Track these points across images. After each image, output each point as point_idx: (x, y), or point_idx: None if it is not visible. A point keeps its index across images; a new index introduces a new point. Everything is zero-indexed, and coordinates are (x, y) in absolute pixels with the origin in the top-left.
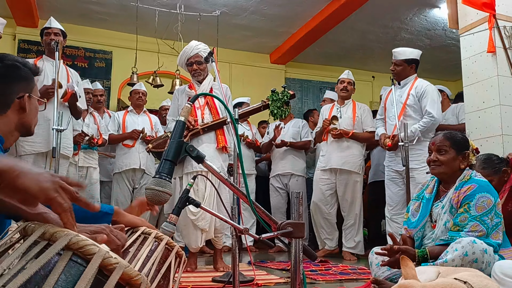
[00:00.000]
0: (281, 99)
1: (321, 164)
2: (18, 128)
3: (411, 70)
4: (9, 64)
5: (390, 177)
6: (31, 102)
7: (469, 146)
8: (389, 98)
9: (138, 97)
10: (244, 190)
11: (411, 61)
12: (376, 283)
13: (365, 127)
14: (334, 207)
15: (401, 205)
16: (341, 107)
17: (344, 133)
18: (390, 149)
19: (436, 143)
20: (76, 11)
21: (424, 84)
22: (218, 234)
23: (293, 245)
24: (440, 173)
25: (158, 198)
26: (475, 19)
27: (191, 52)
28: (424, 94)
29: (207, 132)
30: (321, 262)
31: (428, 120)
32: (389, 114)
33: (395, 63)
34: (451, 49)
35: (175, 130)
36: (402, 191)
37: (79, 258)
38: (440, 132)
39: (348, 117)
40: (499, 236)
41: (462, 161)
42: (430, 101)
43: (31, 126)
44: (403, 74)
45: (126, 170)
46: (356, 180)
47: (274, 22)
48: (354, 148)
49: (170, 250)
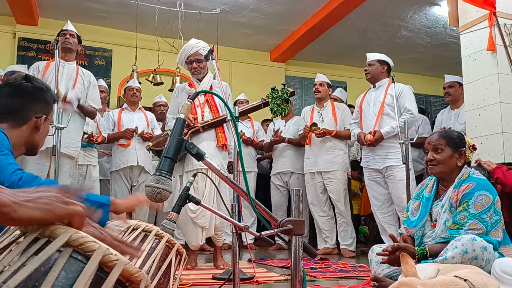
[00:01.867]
0: (281, 97)
1: (307, 167)
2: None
3: (384, 71)
4: (37, 86)
5: (372, 178)
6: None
7: (465, 143)
8: (365, 100)
9: (132, 94)
10: (244, 188)
11: (383, 62)
12: (376, 281)
13: (345, 125)
14: (327, 204)
15: (386, 203)
16: (321, 110)
17: (327, 132)
18: (371, 145)
19: (431, 142)
20: (76, 9)
21: (400, 85)
22: (218, 231)
23: (293, 242)
24: (438, 173)
25: (158, 196)
26: (475, 16)
27: (190, 50)
28: (401, 94)
29: (207, 130)
30: (321, 259)
31: (408, 116)
32: (367, 114)
33: (369, 63)
34: (451, 47)
35: (175, 127)
36: (385, 190)
37: (80, 255)
38: (435, 132)
39: (329, 119)
40: (499, 234)
41: (459, 159)
42: (409, 100)
43: (38, 146)
44: (376, 74)
45: (124, 168)
46: (340, 178)
47: (274, 20)
48: (338, 148)
49: (170, 248)
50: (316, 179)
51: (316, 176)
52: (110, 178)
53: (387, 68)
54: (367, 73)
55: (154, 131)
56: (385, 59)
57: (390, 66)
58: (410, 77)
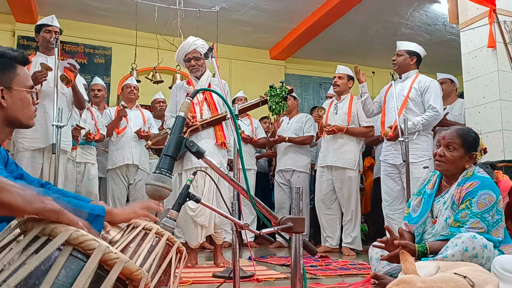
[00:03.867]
0: (279, 95)
1: (320, 161)
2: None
3: (412, 63)
4: None
5: (387, 172)
6: (12, 94)
7: (478, 146)
8: (390, 91)
9: (130, 91)
10: (244, 186)
11: (413, 53)
12: (376, 278)
13: (361, 122)
14: (335, 203)
15: (397, 200)
16: (338, 103)
17: (338, 129)
18: (390, 139)
19: (446, 138)
20: (75, 7)
21: (427, 79)
22: (218, 230)
23: (293, 240)
24: (444, 170)
25: (158, 194)
26: (475, 14)
27: (188, 48)
28: (427, 89)
29: (206, 128)
30: (321, 257)
31: (432, 114)
32: (389, 107)
33: (397, 53)
34: (451, 44)
35: (175, 125)
36: (399, 186)
37: (79, 253)
38: (453, 127)
39: (343, 113)
40: (499, 233)
41: (468, 161)
42: (434, 96)
43: (20, 119)
44: (404, 65)
45: (120, 166)
46: (351, 176)
47: (274, 18)
48: (349, 144)
49: (171, 246)
50: (326, 175)
51: (326, 172)
52: (107, 176)
53: (416, 60)
54: (395, 63)
55: (151, 129)
56: (415, 49)
57: (421, 57)
58: None
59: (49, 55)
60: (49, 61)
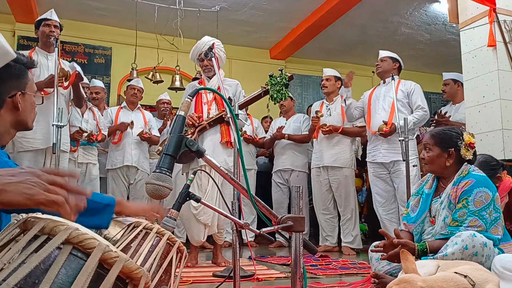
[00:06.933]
0: (280, 83)
1: (314, 162)
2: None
3: (395, 68)
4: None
5: (376, 174)
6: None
7: (458, 142)
8: (374, 94)
9: (133, 93)
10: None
11: (395, 59)
12: (376, 277)
13: (354, 122)
14: (331, 202)
15: (389, 201)
16: (330, 104)
17: (334, 129)
18: (382, 135)
19: (423, 141)
20: (75, 7)
21: (412, 83)
22: (220, 229)
23: (294, 239)
24: (429, 171)
25: (158, 193)
26: (475, 13)
27: (203, 48)
28: (413, 91)
29: (213, 126)
30: (321, 257)
31: (422, 113)
32: (376, 108)
33: (381, 59)
34: (451, 44)
35: (174, 124)
36: (390, 186)
37: (79, 252)
38: (429, 130)
39: (337, 113)
40: (498, 231)
41: (448, 159)
42: (421, 97)
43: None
44: (387, 70)
45: (120, 167)
46: (347, 175)
47: (274, 17)
48: (344, 144)
49: (171, 246)
50: (322, 176)
51: (322, 172)
52: (107, 177)
53: (398, 66)
54: (378, 67)
55: (151, 130)
56: (397, 57)
57: (401, 66)
58: (410, 74)
59: (49, 52)
60: (49, 59)
